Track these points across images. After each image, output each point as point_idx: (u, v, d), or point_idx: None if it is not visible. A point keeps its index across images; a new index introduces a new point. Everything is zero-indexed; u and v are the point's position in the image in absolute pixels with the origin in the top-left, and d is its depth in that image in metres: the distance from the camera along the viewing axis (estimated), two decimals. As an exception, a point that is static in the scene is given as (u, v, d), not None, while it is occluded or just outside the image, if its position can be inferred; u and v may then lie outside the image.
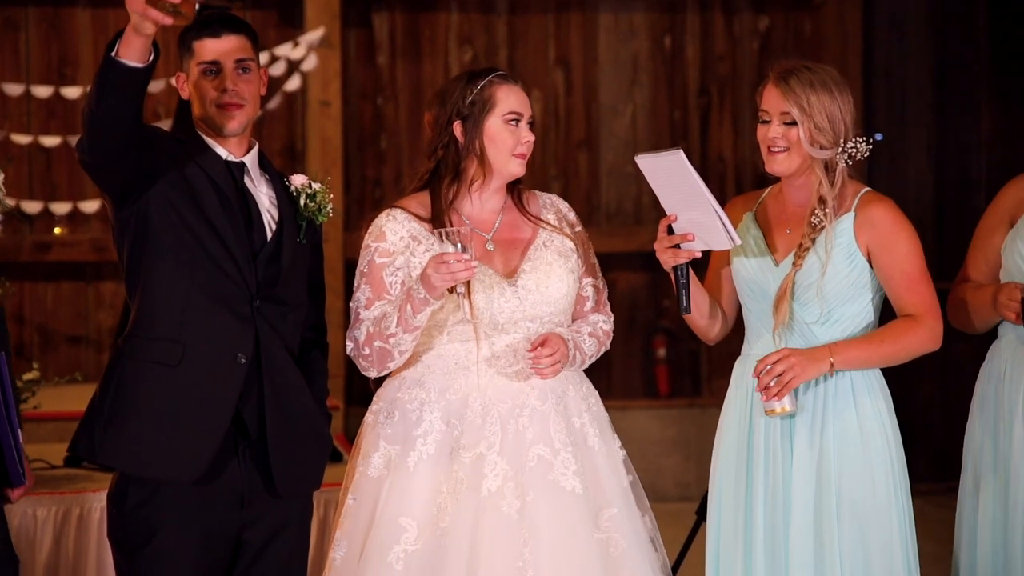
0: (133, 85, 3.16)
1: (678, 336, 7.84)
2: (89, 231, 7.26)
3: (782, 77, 3.50)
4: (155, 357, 3.36)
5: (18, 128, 7.14)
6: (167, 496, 3.36)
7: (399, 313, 3.39)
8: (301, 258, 3.51)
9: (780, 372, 3.43)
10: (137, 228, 3.36)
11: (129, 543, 3.39)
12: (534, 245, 3.55)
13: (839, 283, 3.51)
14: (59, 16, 7.39)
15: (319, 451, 3.53)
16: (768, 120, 3.53)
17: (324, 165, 7.25)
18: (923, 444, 7.46)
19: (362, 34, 7.65)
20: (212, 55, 3.43)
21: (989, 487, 3.80)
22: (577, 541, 3.39)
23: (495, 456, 3.41)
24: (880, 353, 3.52)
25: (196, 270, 3.36)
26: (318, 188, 3.53)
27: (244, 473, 3.41)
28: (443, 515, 3.38)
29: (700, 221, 3.44)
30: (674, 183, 3.42)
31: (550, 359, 3.42)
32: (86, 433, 3.41)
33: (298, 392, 3.46)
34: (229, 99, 3.41)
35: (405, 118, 7.68)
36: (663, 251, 3.48)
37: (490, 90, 3.50)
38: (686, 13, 7.85)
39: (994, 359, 3.86)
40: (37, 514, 4.62)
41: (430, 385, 3.48)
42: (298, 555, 3.54)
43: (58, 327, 7.41)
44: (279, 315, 3.44)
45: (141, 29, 3.12)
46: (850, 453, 3.51)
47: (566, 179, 7.76)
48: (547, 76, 7.76)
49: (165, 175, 3.35)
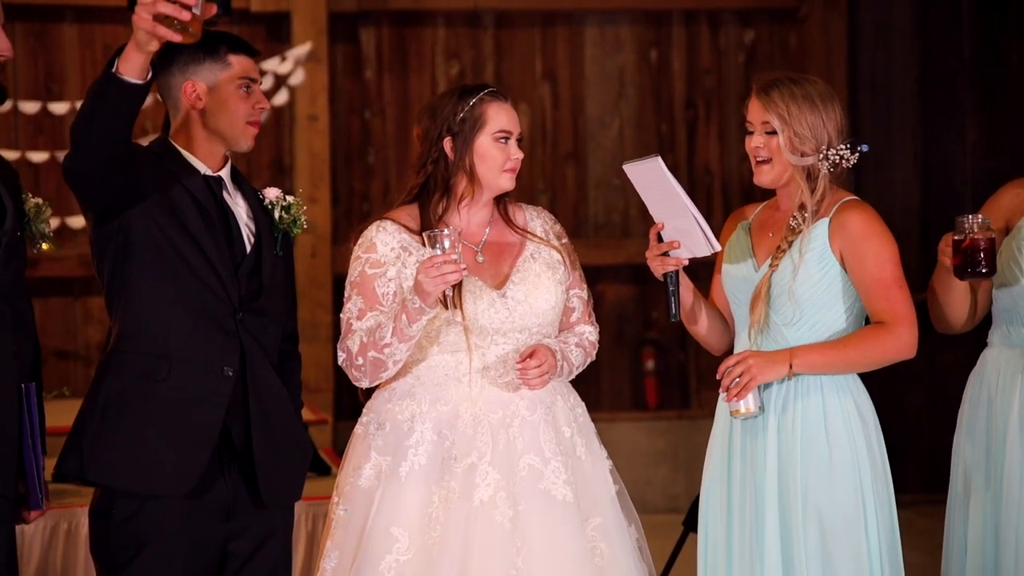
0: (130, 102, 3.16)
1: (666, 348, 7.85)
2: (77, 246, 7.25)
3: (763, 89, 3.55)
4: (142, 372, 3.35)
5: (5, 144, 7.13)
6: (154, 510, 3.35)
7: (394, 323, 3.40)
8: (279, 271, 3.53)
9: (739, 373, 3.47)
10: (119, 243, 3.36)
11: (115, 559, 3.38)
12: (522, 257, 3.57)
13: (811, 287, 3.52)
14: (46, 31, 7.40)
15: (301, 461, 3.55)
16: (752, 131, 3.58)
17: (312, 179, 7.26)
18: (911, 454, 7.47)
19: (349, 49, 7.67)
20: (252, 72, 3.47)
21: (980, 497, 3.77)
22: (569, 549, 3.39)
23: (486, 466, 3.42)
24: (843, 358, 3.51)
25: (179, 284, 3.36)
26: (292, 200, 3.55)
27: (230, 485, 3.41)
28: (435, 525, 3.38)
29: (683, 228, 3.47)
30: (657, 190, 3.45)
31: (538, 370, 3.43)
32: (74, 453, 3.38)
33: (281, 403, 3.48)
34: (259, 117, 3.47)
35: (393, 132, 7.69)
36: (653, 259, 3.52)
37: (480, 108, 3.51)
38: (672, 26, 7.87)
39: (983, 367, 3.84)
40: (25, 529, 4.60)
41: (421, 396, 3.49)
42: (283, 564, 3.54)
43: (46, 342, 7.39)
44: (261, 327, 3.45)
45: (145, 46, 3.11)
46: (815, 458, 3.50)
47: (553, 192, 7.78)
48: (534, 90, 7.78)
49: (146, 190, 3.35)
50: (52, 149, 7.02)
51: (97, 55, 7.45)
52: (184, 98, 3.43)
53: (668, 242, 3.49)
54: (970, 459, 3.82)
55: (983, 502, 3.77)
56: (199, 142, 3.46)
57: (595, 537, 3.45)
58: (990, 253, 3.57)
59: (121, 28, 7.45)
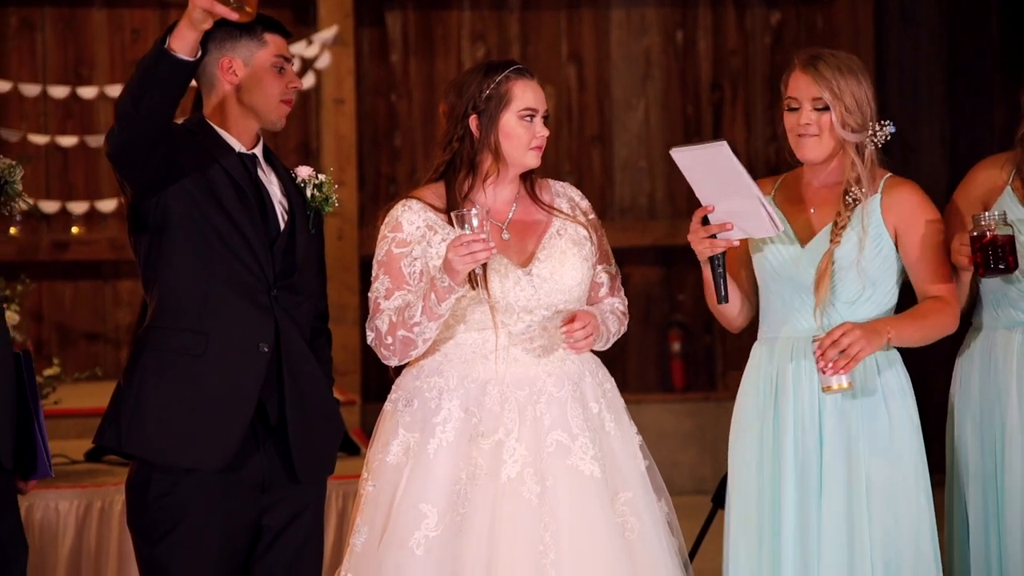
0: (180, 78, 3.22)
1: (693, 330, 7.86)
2: (106, 230, 7.31)
3: (810, 63, 3.52)
4: (179, 347, 3.39)
5: (35, 128, 7.18)
6: (190, 485, 3.40)
7: (423, 302, 3.42)
8: (312, 248, 3.57)
9: (846, 345, 3.41)
10: (157, 220, 3.40)
11: (152, 532, 3.42)
12: (548, 234, 3.57)
13: (880, 262, 3.53)
14: (75, 16, 7.44)
15: (334, 436, 3.59)
16: (797, 107, 3.54)
17: (339, 162, 7.28)
18: (938, 436, 7.45)
19: (375, 32, 7.68)
20: (285, 51, 3.52)
21: (979, 481, 3.73)
22: (597, 524, 3.41)
23: (514, 442, 3.44)
24: (924, 330, 3.51)
25: (215, 261, 3.40)
26: (324, 179, 3.59)
27: (265, 460, 3.45)
28: (463, 501, 3.41)
29: (739, 210, 3.46)
30: (715, 174, 3.44)
31: (583, 331, 3.45)
32: (112, 425, 3.43)
33: (314, 379, 3.51)
34: (292, 96, 3.53)
35: (419, 115, 7.71)
36: (700, 241, 3.49)
37: (506, 85, 3.52)
38: (698, 8, 7.86)
39: (972, 349, 3.78)
40: (59, 507, 4.66)
41: (448, 373, 3.51)
42: (315, 537, 3.58)
43: (76, 325, 7.45)
44: (295, 304, 3.49)
45: (200, 24, 3.16)
46: (878, 433, 3.52)
47: (579, 174, 7.78)
48: (560, 72, 7.79)
49: (184, 168, 3.39)
50: (81, 134, 7.06)
51: (126, 40, 7.49)
52: (221, 74, 3.46)
53: (718, 224, 3.48)
54: (965, 442, 3.76)
55: (982, 485, 3.72)
56: (234, 118, 3.49)
57: (625, 512, 3.47)
58: (1011, 248, 3.55)
59: (150, 12, 7.50)
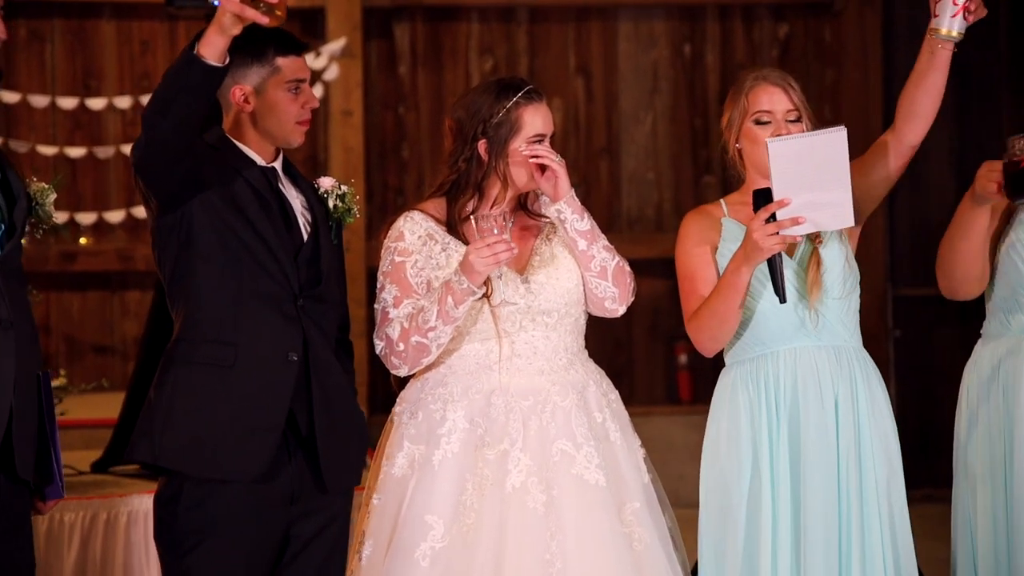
0: (209, 85, 3.21)
1: (700, 342, 7.84)
2: (114, 241, 7.32)
3: (782, 78, 3.64)
4: (209, 359, 3.40)
5: (44, 140, 7.20)
6: (222, 496, 3.39)
7: (439, 306, 3.44)
8: (335, 258, 3.59)
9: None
10: (181, 233, 3.40)
11: (182, 544, 3.41)
12: (539, 239, 3.61)
13: (850, 256, 3.63)
14: (84, 28, 7.47)
15: (361, 446, 3.58)
16: (768, 120, 3.60)
17: (346, 174, 7.29)
18: (946, 449, 7.43)
19: (383, 44, 7.70)
20: (301, 73, 3.49)
21: (988, 486, 3.72)
22: (603, 533, 3.42)
23: (519, 452, 3.44)
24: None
25: (242, 272, 3.41)
26: (347, 189, 3.61)
27: (295, 470, 3.45)
28: (469, 512, 3.41)
29: (822, 201, 3.41)
30: (813, 163, 3.40)
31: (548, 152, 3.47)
32: (145, 439, 3.42)
33: (341, 388, 3.51)
34: (309, 116, 3.50)
35: (427, 127, 7.72)
36: (767, 237, 3.42)
37: (516, 112, 3.52)
38: (706, 21, 7.88)
39: (980, 357, 3.78)
40: (65, 519, 4.66)
41: (453, 385, 3.52)
42: (340, 548, 3.57)
43: (84, 336, 7.47)
44: (321, 313, 3.50)
45: (229, 29, 3.16)
46: (881, 434, 3.61)
47: (587, 186, 7.79)
48: (568, 84, 7.80)
49: (208, 180, 3.40)
50: (90, 145, 7.09)
51: (134, 52, 7.52)
52: (233, 101, 3.47)
53: (791, 218, 3.42)
54: (973, 447, 3.76)
55: (991, 490, 3.71)
56: (250, 139, 3.51)
57: (632, 522, 3.48)
58: None
59: (158, 24, 7.52)
